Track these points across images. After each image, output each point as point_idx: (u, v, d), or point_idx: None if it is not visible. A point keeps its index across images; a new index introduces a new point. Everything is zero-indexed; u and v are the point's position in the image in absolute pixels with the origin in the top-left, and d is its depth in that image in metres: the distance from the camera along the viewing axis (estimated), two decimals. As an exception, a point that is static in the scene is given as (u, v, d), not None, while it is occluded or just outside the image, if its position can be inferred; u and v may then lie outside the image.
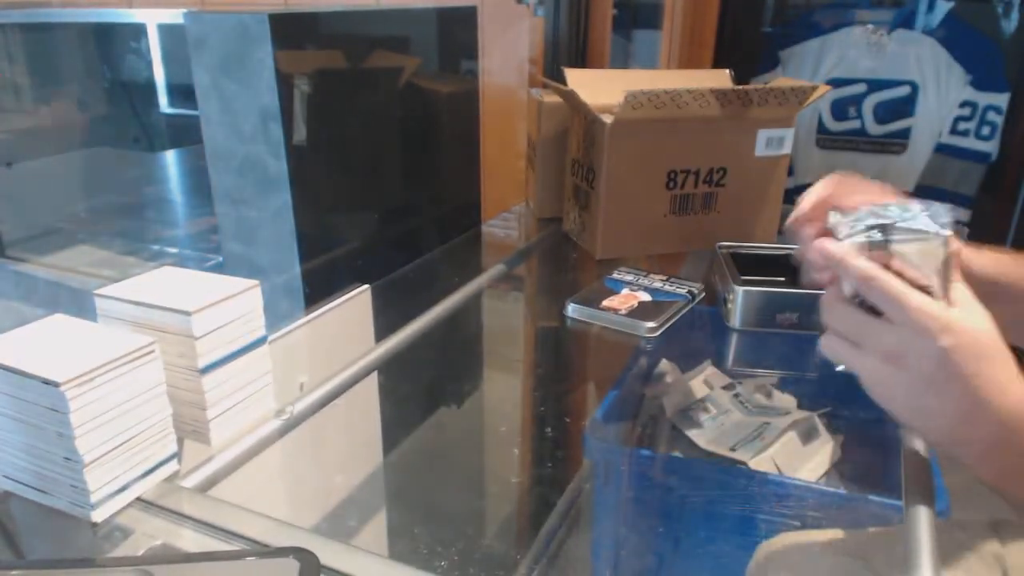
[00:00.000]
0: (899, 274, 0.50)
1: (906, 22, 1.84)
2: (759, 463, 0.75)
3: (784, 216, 1.17)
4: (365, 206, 1.28)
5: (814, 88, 1.08)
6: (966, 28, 1.78)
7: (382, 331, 0.87)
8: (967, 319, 0.49)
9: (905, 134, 1.88)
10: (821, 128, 1.97)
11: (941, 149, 1.83)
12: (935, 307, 0.48)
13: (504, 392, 0.93)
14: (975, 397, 0.47)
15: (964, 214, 1.77)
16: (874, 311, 0.51)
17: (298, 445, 0.69)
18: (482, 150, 1.54)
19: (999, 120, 1.74)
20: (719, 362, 0.92)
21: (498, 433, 0.84)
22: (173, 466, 0.58)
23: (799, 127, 1.75)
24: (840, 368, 0.54)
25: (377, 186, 1.29)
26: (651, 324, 0.88)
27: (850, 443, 0.81)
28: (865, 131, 1.93)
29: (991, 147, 1.76)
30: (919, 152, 1.87)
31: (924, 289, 0.50)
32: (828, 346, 0.54)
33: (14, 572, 0.47)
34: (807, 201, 0.59)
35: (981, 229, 1.68)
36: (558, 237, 1.25)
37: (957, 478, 0.62)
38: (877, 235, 0.52)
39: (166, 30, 1.58)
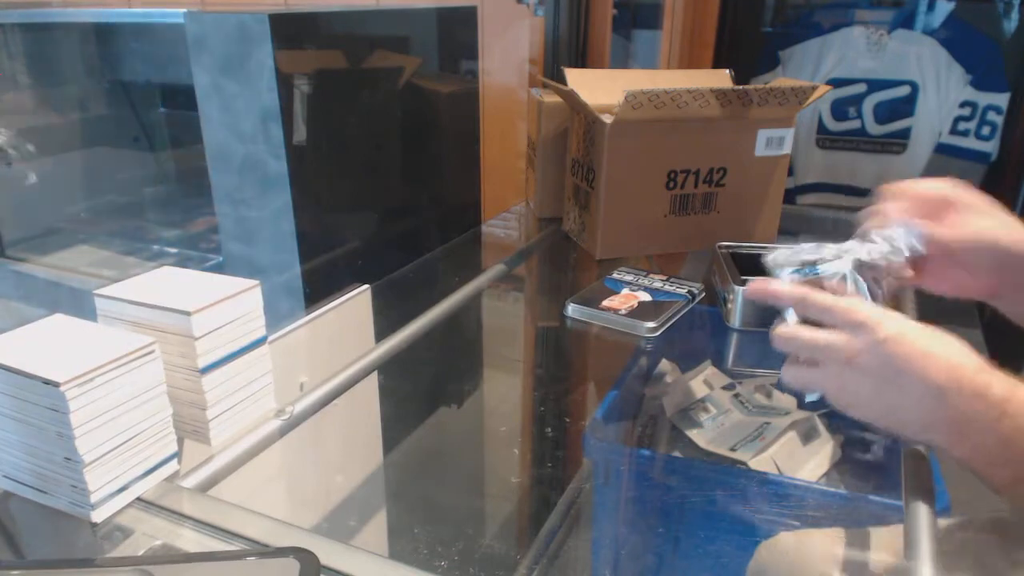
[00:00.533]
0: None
1: (906, 22, 1.84)
2: (759, 463, 0.75)
3: (784, 216, 1.17)
4: (365, 206, 1.28)
5: (814, 88, 1.08)
6: (966, 28, 1.78)
7: (382, 331, 0.87)
8: (901, 317, 0.51)
9: (905, 134, 1.88)
10: (821, 128, 1.97)
11: (941, 149, 1.83)
12: (866, 305, 0.52)
13: (504, 392, 0.94)
14: (929, 378, 0.49)
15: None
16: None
17: (298, 445, 0.69)
18: (482, 150, 1.54)
19: (999, 120, 1.74)
20: (719, 362, 0.92)
21: (498, 433, 0.84)
22: (173, 466, 0.58)
23: (799, 127, 1.75)
24: (810, 398, 0.56)
25: (377, 186, 1.29)
26: (651, 324, 0.88)
27: (850, 443, 0.81)
28: (865, 131, 1.93)
29: (991, 147, 1.76)
30: (919, 152, 1.87)
31: None
32: (789, 374, 0.56)
33: (14, 572, 0.47)
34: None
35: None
36: (558, 237, 1.25)
37: (958, 477, 0.62)
38: (808, 270, 0.57)
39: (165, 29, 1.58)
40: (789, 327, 0.55)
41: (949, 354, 0.49)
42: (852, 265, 0.56)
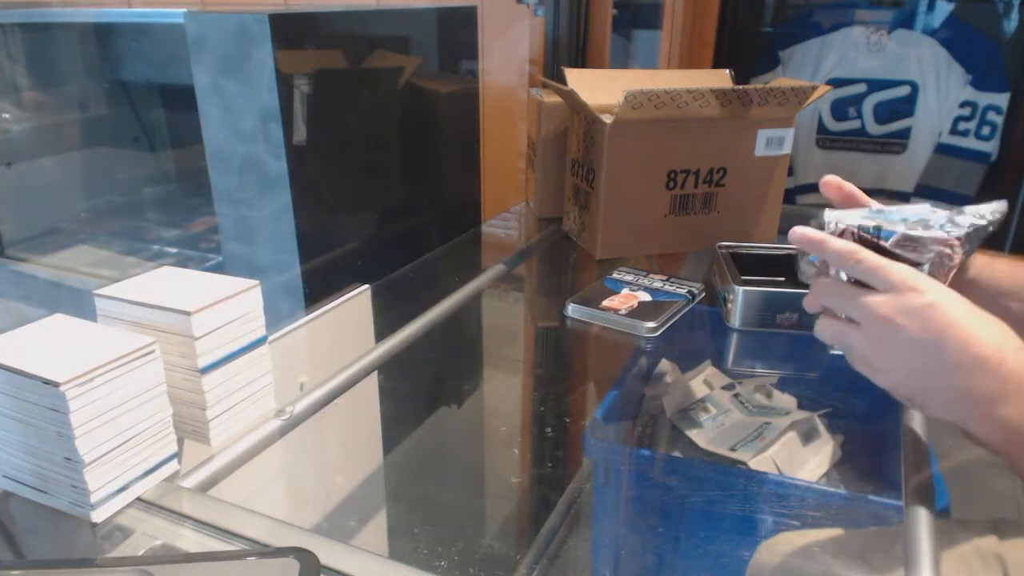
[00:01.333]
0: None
1: (906, 22, 1.84)
2: (759, 463, 0.75)
3: (784, 216, 1.17)
4: (365, 206, 1.28)
5: (814, 88, 1.08)
6: (966, 28, 1.78)
7: (382, 331, 0.87)
8: (950, 289, 0.50)
9: (905, 134, 1.88)
10: (821, 128, 1.97)
11: (941, 149, 1.83)
12: (918, 273, 0.50)
13: (504, 392, 0.94)
14: (970, 347, 0.48)
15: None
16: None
17: (298, 445, 0.69)
18: (482, 150, 1.54)
19: (999, 120, 1.74)
20: (719, 362, 0.92)
21: (498, 433, 0.84)
22: (173, 466, 0.58)
23: (799, 127, 1.75)
24: (835, 351, 0.55)
25: (377, 186, 1.29)
26: (651, 324, 0.88)
27: (850, 443, 0.81)
28: (865, 131, 1.93)
29: (991, 147, 1.76)
30: (919, 152, 1.87)
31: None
32: (823, 327, 0.55)
33: (14, 572, 0.47)
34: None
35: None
36: (558, 237, 1.25)
37: (958, 477, 0.62)
38: (872, 230, 0.54)
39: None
40: (829, 281, 0.54)
41: (993, 329, 0.49)
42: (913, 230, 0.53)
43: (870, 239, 0.53)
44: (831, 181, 0.62)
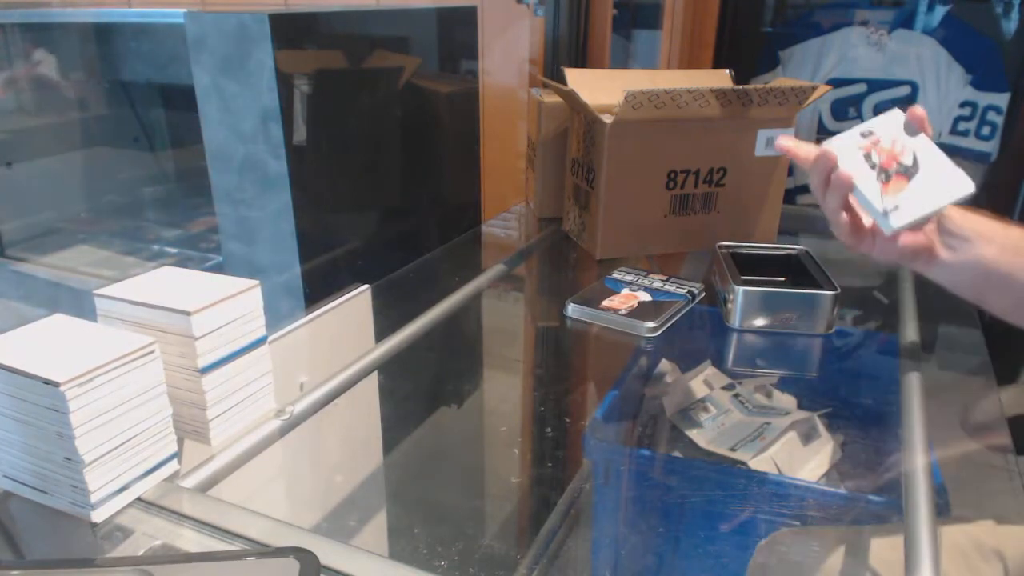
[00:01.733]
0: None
1: (906, 22, 1.84)
2: (759, 463, 0.75)
3: (784, 216, 1.17)
4: (365, 206, 1.28)
5: (814, 88, 1.08)
6: (966, 28, 1.78)
7: (382, 331, 0.87)
8: None
9: (905, 134, 1.88)
10: (821, 128, 1.97)
11: (941, 149, 1.83)
12: None
13: (504, 392, 0.93)
14: None
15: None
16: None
17: (298, 445, 0.69)
18: (482, 150, 1.54)
19: (999, 120, 1.74)
20: (719, 362, 0.92)
21: (498, 433, 0.84)
22: (173, 466, 0.58)
23: (799, 127, 1.75)
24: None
25: (377, 186, 1.29)
26: (651, 324, 0.88)
27: (850, 443, 0.81)
28: (865, 131, 1.93)
29: (991, 147, 1.76)
30: (919, 152, 1.87)
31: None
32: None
33: (14, 572, 0.47)
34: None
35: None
36: (558, 237, 1.25)
37: (958, 477, 0.62)
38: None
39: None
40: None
41: None
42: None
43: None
44: (790, 148, 0.68)
